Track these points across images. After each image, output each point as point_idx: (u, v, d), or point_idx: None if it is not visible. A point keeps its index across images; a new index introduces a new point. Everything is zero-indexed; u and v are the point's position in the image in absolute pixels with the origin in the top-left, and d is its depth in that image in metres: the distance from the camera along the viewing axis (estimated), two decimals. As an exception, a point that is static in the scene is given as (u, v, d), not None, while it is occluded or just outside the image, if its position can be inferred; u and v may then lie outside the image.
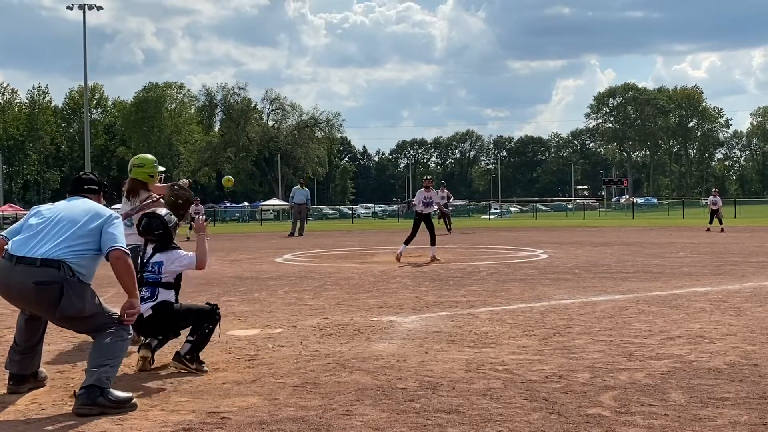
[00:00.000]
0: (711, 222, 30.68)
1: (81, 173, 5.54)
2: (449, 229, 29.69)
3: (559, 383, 5.31)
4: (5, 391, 5.26)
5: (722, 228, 29.55)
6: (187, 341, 5.90)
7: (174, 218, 6.23)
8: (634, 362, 5.95)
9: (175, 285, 6.08)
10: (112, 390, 4.79)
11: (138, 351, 5.98)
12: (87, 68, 52.42)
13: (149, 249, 6.13)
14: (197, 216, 6.76)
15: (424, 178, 17.50)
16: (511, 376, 5.55)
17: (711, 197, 32.35)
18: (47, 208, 5.15)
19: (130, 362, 6.19)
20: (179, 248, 6.13)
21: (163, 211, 6.24)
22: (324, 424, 4.43)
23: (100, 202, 5.35)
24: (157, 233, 6.08)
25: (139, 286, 5.72)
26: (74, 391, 4.87)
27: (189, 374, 5.73)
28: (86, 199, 5.24)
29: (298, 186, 32.10)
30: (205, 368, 5.86)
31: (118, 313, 5.01)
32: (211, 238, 6.22)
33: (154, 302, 5.93)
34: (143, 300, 5.78)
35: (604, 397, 4.92)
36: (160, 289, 5.98)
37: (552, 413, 4.58)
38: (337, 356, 6.34)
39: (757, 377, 5.42)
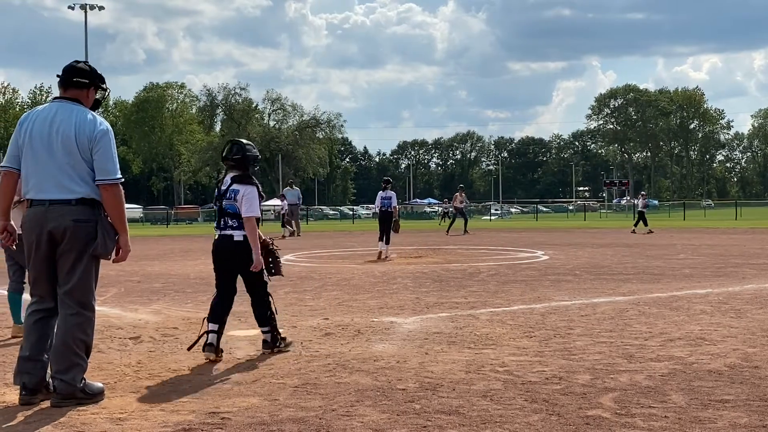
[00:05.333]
0: (636, 225, 30.48)
1: (74, 62, 5.19)
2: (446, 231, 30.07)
3: (559, 385, 5.31)
4: (6, 399, 5.26)
5: (638, 230, 29.65)
6: (263, 332, 6.57)
7: (257, 153, 6.69)
8: (635, 364, 5.95)
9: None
10: (88, 382, 4.98)
11: (203, 350, 6.28)
12: (88, 68, 52.23)
13: (227, 178, 6.52)
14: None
15: (385, 179, 19.39)
16: (511, 377, 5.54)
17: (640, 199, 32.45)
18: (40, 130, 4.93)
19: (129, 362, 6.20)
20: (257, 186, 6.50)
21: (246, 142, 6.71)
22: (324, 424, 4.43)
23: (88, 98, 5.11)
24: (235, 158, 6.50)
25: (222, 216, 6.48)
26: (54, 386, 4.91)
27: (191, 375, 5.74)
28: (72, 107, 4.99)
29: (288, 187, 32.57)
30: (290, 346, 6.67)
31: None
32: (211, 238, 6.20)
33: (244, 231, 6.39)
34: (232, 228, 6.39)
35: (604, 399, 4.91)
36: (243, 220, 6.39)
37: (552, 415, 4.58)
38: (338, 357, 6.34)
39: (758, 379, 5.42)
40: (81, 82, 5.08)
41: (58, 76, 5.11)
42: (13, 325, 7.55)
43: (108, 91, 5.31)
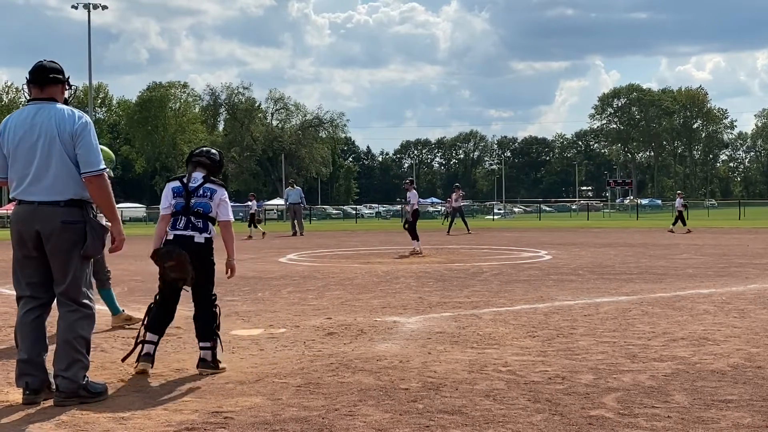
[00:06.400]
0: (685, 224, 30.38)
1: (40, 61, 5.17)
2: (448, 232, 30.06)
3: (562, 384, 5.30)
4: (10, 398, 5.27)
5: (677, 229, 29.60)
6: (203, 348, 5.80)
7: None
8: (638, 364, 5.95)
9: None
10: (91, 381, 4.98)
11: (137, 362, 5.79)
12: (91, 67, 52.39)
13: (198, 176, 5.96)
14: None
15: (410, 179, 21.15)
16: (514, 377, 5.54)
17: (678, 199, 32.32)
18: (22, 134, 4.95)
19: (132, 361, 6.20)
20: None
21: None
22: (327, 424, 4.43)
23: (63, 95, 5.15)
24: (212, 158, 6.05)
25: (187, 215, 5.85)
26: (56, 384, 4.91)
27: (194, 374, 5.75)
28: (49, 107, 5.00)
29: (290, 187, 32.82)
30: (222, 364, 5.85)
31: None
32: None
33: (209, 234, 5.87)
34: (194, 229, 5.81)
35: (607, 399, 4.91)
36: (209, 223, 5.89)
37: (555, 415, 4.58)
38: (340, 356, 6.34)
39: (761, 379, 5.41)
40: (57, 78, 5.10)
41: (26, 78, 5.11)
42: (112, 315, 8.07)
43: (75, 89, 5.37)
